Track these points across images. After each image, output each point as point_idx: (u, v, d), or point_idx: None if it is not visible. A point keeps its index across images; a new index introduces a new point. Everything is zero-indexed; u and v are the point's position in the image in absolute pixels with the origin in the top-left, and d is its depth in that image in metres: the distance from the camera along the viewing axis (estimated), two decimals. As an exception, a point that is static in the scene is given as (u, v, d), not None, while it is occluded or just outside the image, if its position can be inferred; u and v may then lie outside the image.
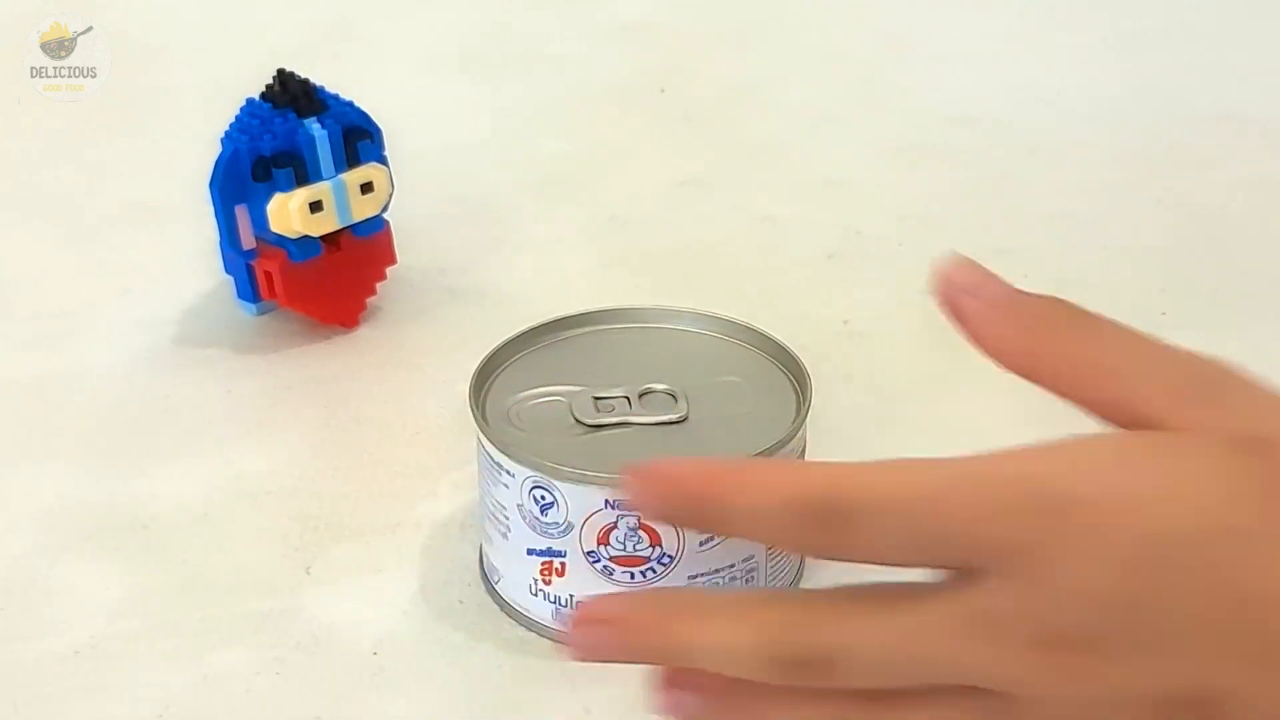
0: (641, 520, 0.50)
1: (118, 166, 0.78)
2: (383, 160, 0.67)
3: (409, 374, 0.66)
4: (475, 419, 0.52)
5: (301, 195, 0.64)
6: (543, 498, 0.50)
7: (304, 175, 0.64)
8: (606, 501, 0.50)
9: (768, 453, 0.51)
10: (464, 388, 0.53)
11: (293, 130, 0.64)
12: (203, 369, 0.66)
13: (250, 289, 0.66)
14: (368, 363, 0.67)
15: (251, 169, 0.64)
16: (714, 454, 0.51)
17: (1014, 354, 0.40)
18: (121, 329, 0.68)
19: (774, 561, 0.53)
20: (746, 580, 0.52)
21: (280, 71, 0.65)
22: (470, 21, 1.00)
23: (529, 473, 0.50)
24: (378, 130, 0.67)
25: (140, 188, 0.77)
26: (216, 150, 0.64)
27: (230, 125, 0.65)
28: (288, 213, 0.64)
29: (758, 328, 0.56)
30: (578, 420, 0.53)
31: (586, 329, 0.57)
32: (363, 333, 0.68)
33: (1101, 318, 0.39)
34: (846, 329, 0.68)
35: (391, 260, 0.69)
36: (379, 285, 0.69)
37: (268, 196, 0.64)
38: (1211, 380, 0.38)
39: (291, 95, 0.64)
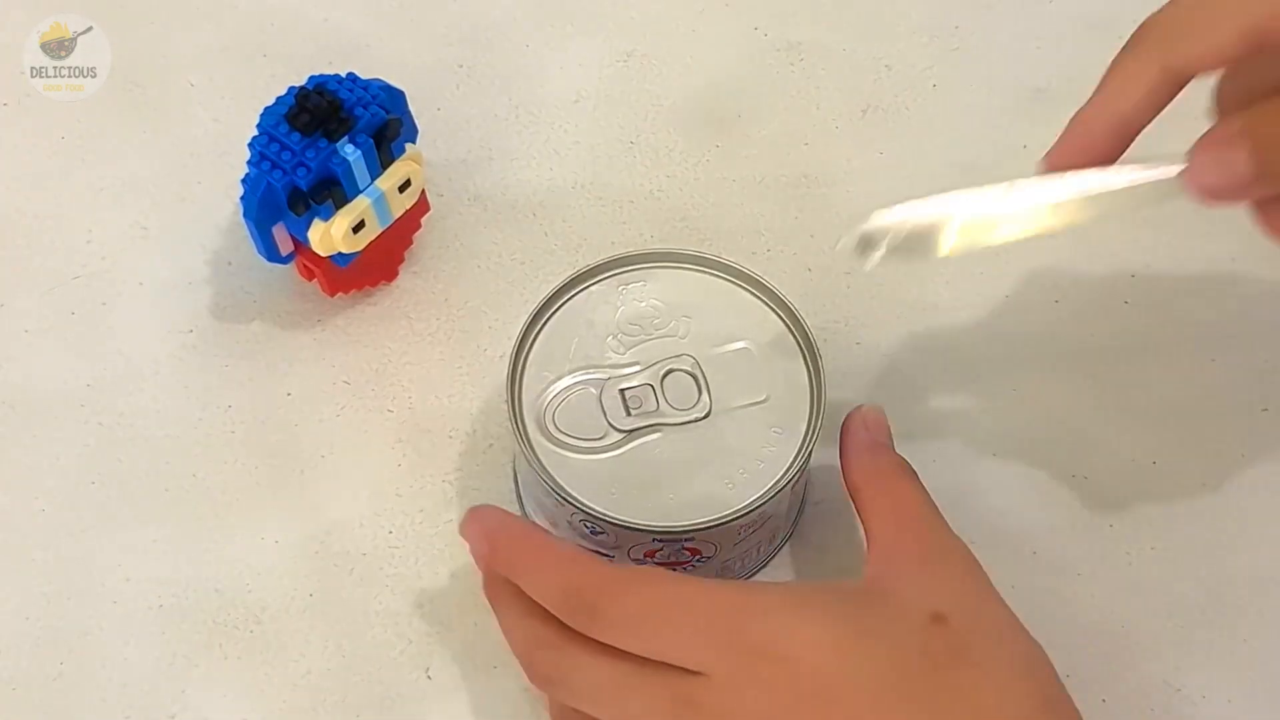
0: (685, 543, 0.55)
1: (117, 167, 0.70)
2: (412, 134, 0.62)
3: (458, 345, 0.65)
4: (518, 440, 0.55)
5: (342, 223, 0.60)
6: (593, 527, 0.55)
7: (341, 198, 0.60)
8: (654, 539, 0.54)
9: (787, 476, 0.55)
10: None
11: (327, 158, 0.59)
12: (254, 365, 0.64)
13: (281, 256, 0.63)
14: (418, 334, 0.65)
15: (289, 203, 0.59)
16: (739, 453, 0.55)
17: None
18: (153, 335, 0.66)
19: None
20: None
21: (303, 95, 0.59)
22: None
23: (576, 510, 0.54)
24: (406, 112, 0.61)
25: (143, 188, 0.69)
26: (226, 160, 0.61)
27: (253, 151, 0.59)
28: (331, 239, 0.61)
29: (761, 278, 0.58)
30: (611, 425, 0.56)
31: (590, 284, 0.59)
32: (403, 283, 0.67)
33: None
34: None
35: (425, 209, 0.66)
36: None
37: (307, 224, 0.60)
38: None
39: (320, 120, 0.59)
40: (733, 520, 0.54)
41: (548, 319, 0.58)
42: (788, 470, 0.55)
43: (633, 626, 0.49)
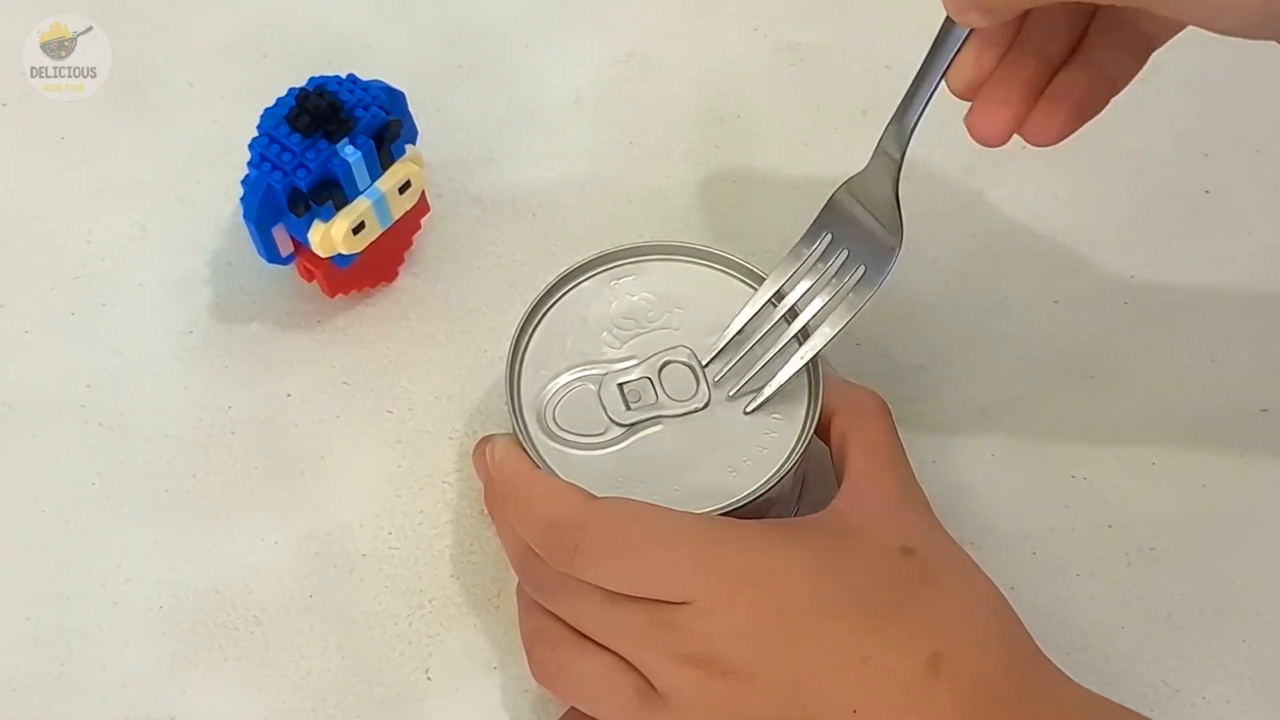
0: None
1: (117, 167, 0.70)
2: (412, 135, 0.62)
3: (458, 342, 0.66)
4: (520, 439, 0.56)
5: (343, 224, 0.60)
6: None
7: (342, 199, 0.60)
8: None
9: (790, 461, 0.55)
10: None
11: (327, 160, 0.59)
12: (254, 366, 0.64)
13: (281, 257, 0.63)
14: (418, 335, 0.66)
15: (289, 204, 0.59)
16: (741, 441, 0.56)
17: None
18: (153, 336, 0.65)
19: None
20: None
21: (303, 96, 0.59)
22: None
23: None
24: (406, 113, 0.61)
25: (143, 188, 0.69)
26: (226, 161, 0.61)
27: (253, 153, 0.59)
28: (331, 240, 0.61)
29: (748, 264, 0.59)
30: (612, 420, 0.56)
31: (581, 280, 0.59)
32: (403, 284, 0.67)
33: None
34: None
35: (425, 210, 0.66)
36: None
37: (307, 225, 0.60)
38: None
39: (320, 121, 0.59)
40: (739, 508, 0.54)
41: (542, 317, 0.59)
42: (790, 455, 0.55)
43: (612, 569, 0.50)
